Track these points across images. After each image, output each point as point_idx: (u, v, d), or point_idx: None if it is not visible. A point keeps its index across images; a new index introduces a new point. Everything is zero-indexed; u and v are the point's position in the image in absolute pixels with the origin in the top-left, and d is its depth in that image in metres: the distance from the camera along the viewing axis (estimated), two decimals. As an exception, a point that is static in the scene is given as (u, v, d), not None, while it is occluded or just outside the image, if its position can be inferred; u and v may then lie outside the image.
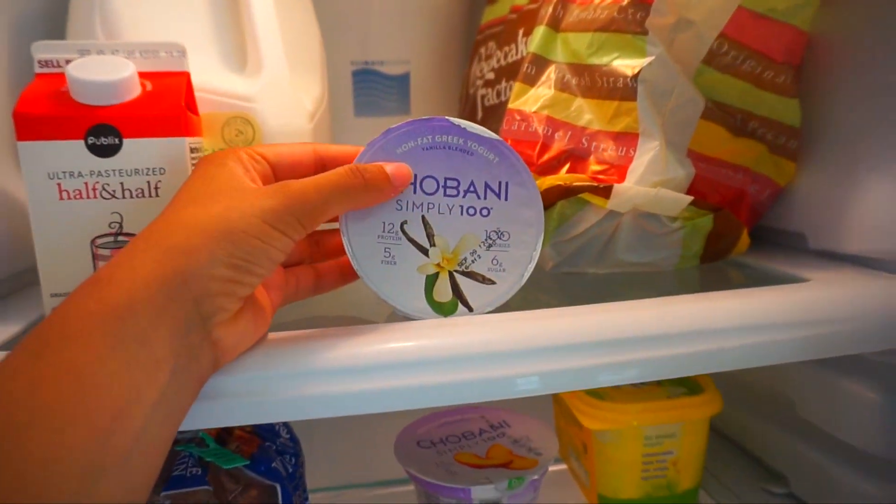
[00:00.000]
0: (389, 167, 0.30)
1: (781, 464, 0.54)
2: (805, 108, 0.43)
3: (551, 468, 0.56)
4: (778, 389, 0.51)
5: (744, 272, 0.44)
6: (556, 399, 0.56)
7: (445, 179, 0.31)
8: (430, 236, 0.32)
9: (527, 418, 0.51)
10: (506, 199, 0.32)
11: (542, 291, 0.43)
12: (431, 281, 0.32)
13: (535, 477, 0.44)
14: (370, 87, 0.65)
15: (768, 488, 0.53)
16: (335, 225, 0.32)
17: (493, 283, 0.32)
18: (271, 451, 0.39)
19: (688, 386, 0.50)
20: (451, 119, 0.31)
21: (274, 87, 0.43)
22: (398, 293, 0.31)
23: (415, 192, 0.31)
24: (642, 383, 0.51)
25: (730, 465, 0.58)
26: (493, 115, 0.50)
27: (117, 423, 0.21)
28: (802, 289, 0.36)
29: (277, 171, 0.30)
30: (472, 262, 0.32)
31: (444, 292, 0.32)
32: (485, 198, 0.32)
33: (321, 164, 0.31)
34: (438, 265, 0.32)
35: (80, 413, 0.20)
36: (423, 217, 0.31)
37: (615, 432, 0.48)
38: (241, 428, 0.40)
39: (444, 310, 0.32)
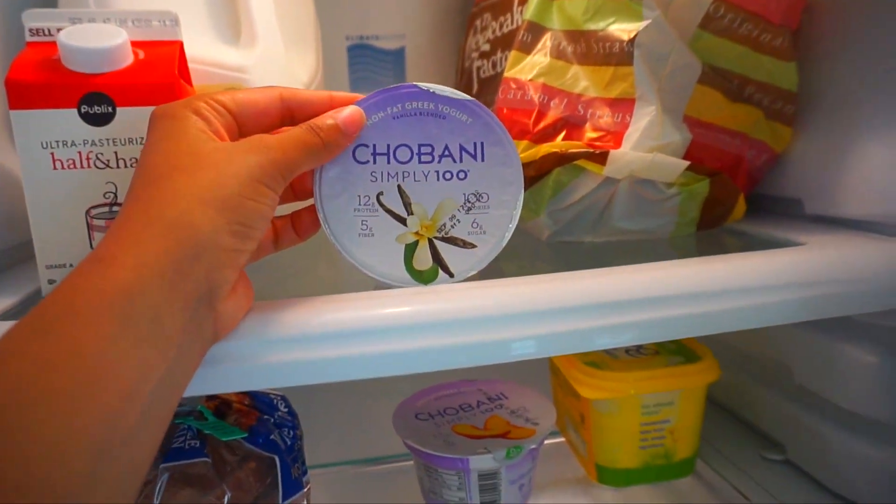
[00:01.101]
0: (341, 116, 0.29)
1: (778, 431, 0.54)
2: (802, 72, 0.43)
3: (549, 440, 0.56)
4: (774, 356, 0.51)
5: (740, 239, 0.44)
6: (554, 370, 0.57)
7: (419, 146, 0.31)
8: (406, 205, 0.31)
9: (524, 389, 0.52)
10: (482, 159, 0.31)
11: (538, 260, 0.43)
12: (411, 249, 0.31)
13: (533, 446, 0.45)
14: (365, 62, 0.64)
15: (766, 455, 0.54)
16: None
17: (473, 246, 0.32)
18: (270, 424, 0.39)
19: (685, 354, 0.51)
20: (420, 84, 0.31)
21: (268, 59, 0.42)
22: (377, 264, 0.31)
23: (388, 162, 0.31)
24: (639, 353, 0.51)
25: (727, 433, 0.58)
26: (489, 87, 0.50)
27: (126, 404, 0.20)
28: (798, 251, 0.36)
29: (241, 121, 0.28)
30: (452, 227, 0.32)
31: (424, 260, 0.31)
32: (461, 161, 0.31)
33: (288, 112, 0.30)
34: (417, 233, 0.31)
35: (90, 395, 0.19)
36: (398, 186, 0.31)
37: (613, 401, 0.48)
38: (240, 401, 0.40)
39: (424, 277, 0.31)
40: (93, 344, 0.20)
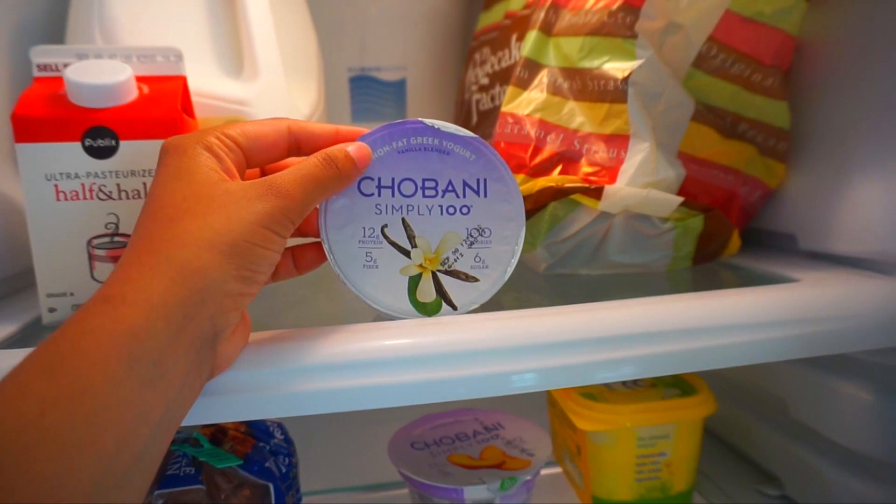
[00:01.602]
0: (352, 149, 0.30)
1: (775, 465, 0.54)
2: (794, 110, 0.44)
3: (546, 471, 0.56)
4: (771, 390, 0.51)
5: (735, 273, 0.44)
6: (551, 401, 0.57)
7: (423, 181, 0.32)
8: (411, 238, 0.32)
9: (521, 420, 0.51)
10: (485, 195, 0.32)
11: (535, 293, 0.44)
12: (415, 282, 0.32)
13: (528, 477, 0.45)
14: (367, 94, 0.65)
15: (762, 490, 0.53)
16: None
17: (476, 280, 0.32)
18: (265, 451, 0.39)
19: (681, 387, 0.51)
20: (425, 120, 0.31)
21: (270, 92, 0.43)
22: (381, 295, 0.31)
23: (393, 195, 0.31)
24: (636, 385, 0.51)
25: (724, 466, 0.58)
26: (488, 120, 0.51)
27: (123, 446, 0.20)
28: (793, 288, 0.36)
29: (250, 156, 0.28)
30: (455, 260, 0.32)
31: (427, 292, 0.32)
32: (464, 196, 0.32)
33: (295, 143, 0.30)
34: (421, 266, 0.32)
35: (89, 437, 0.20)
36: (403, 219, 0.32)
37: (609, 433, 0.48)
38: (236, 429, 0.40)
39: (427, 310, 0.32)
40: (96, 384, 0.20)
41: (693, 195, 0.41)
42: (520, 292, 0.42)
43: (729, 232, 0.42)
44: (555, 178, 0.40)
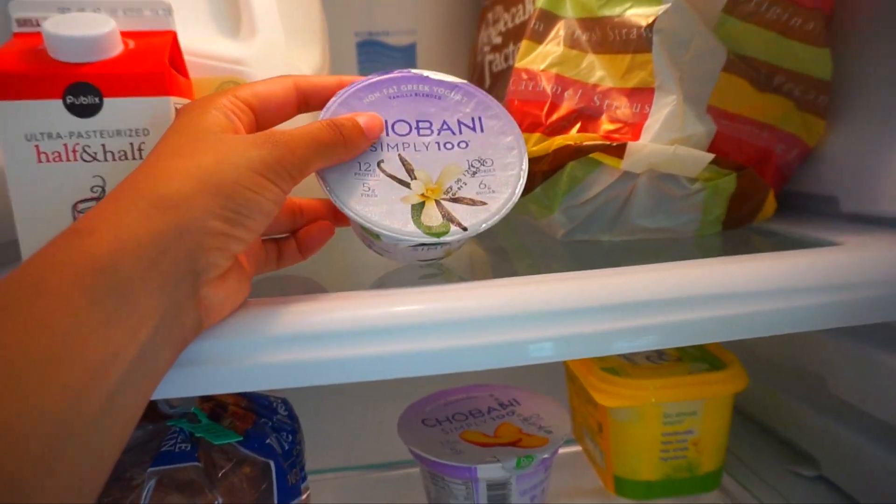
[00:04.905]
0: (362, 119, 0.29)
1: (811, 445, 0.51)
2: (836, 59, 0.40)
3: (566, 450, 0.54)
4: (807, 365, 0.48)
5: (770, 239, 0.41)
6: (570, 377, 0.54)
7: (417, 122, 0.31)
8: (409, 171, 0.30)
9: (538, 396, 0.49)
10: (482, 131, 0.31)
11: (553, 260, 0.41)
12: (418, 209, 0.30)
13: (546, 456, 0.42)
14: (375, 59, 0.63)
15: (797, 471, 0.50)
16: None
17: (484, 203, 0.30)
18: (267, 427, 0.37)
19: (710, 362, 0.48)
20: (414, 70, 0.32)
21: (268, 52, 0.41)
22: (384, 220, 0.29)
23: (388, 134, 0.31)
24: (661, 358, 0.48)
25: (755, 446, 0.55)
26: (501, 80, 0.48)
27: (92, 383, 0.19)
28: (834, 251, 0.33)
29: (261, 117, 0.28)
30: (459, 188, 0.30)
31: (434, 216, 0.29)
32: (460, 133, 0.31)
33: (304, 100, 0.30)
34: (423, 195, 0.30)
35: (51, 372, 0.18)
36: (399, 155, 0.30)
37: (632, 410, 0.46)
38: (237, 404, 0.38)
39: (434, 231, 0.29)
40: (59, 319, 0.19)
41: (724, 153, 0.37)
42: (536, 259, 0.40)
43: (763, 193, 0.39)
44: (573, 136, 0.37)
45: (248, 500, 0.35)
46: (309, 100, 0.30)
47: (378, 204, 0.29)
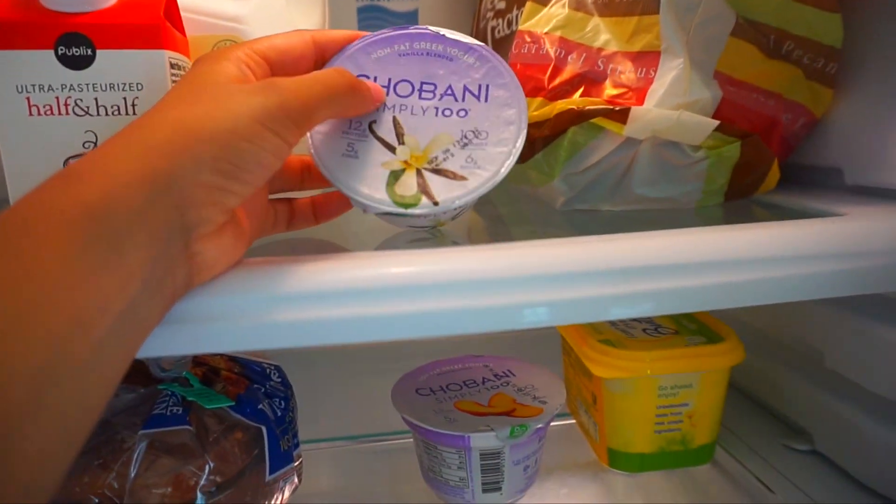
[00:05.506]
0: (369, 82, 0.29)
1: (805, 419, 0.51)
2: (847, 26, 0.39)
3: (559, 422, 0.54)
4: (803, 339, 0.48)
5: (773, 211, 0.41)
6: (566, 349, 0.54)
7: (422, 83, 0.30)
8: (399, 135, 0.30)
9: (533, 367, 0.49)
10: (486, 100, 0.30)
11: (551, 228, 0.41)
12: (395, 176, 0.29)
13: (540, 426, 0.42)
14: (377, 25, 0.61)
15: (790, 445, 0.51)
16: None
17: (464, 179, 0.29)
18: (260, 393, 0.37)
19: (706, 335, 0.47)
20: (431, 28, 0.31)
21: (266, 10, 0.40)
22: (354, 182, 0.29)
23: (388, 94, 0.30)
24: (657, 331, 0.48)
25: (749, 420, 0.55)
26: (504, 46, 0.47)
27: (78, 331, 0.19)
28: (837, 220, 0.32)
29: (277, 71, 0.27)
30: (444, 160, 0.30)
31: (408, 186, 0.29)
32: (463, 100, 0.30)
33: (321, 55, 0.30)
34: (405, 162, 0.29)
35: (36, 319, 0.18)
36: (394, 118, 0.30)
37: (627, 381, 0.46)
38: (229, 369, 0.38)
39: (404, 202, 0.29)
40: (45, 265, 0.19)
41: (729, 121, 0.37)
42: (535, 227, 0.39)
43: (768, 162, 0.38)
44: (575, 100, 0.37)
45: (240, 465, 0.35)
46: (326, 54, 0.30)
47: (356, 166, 0.29)
